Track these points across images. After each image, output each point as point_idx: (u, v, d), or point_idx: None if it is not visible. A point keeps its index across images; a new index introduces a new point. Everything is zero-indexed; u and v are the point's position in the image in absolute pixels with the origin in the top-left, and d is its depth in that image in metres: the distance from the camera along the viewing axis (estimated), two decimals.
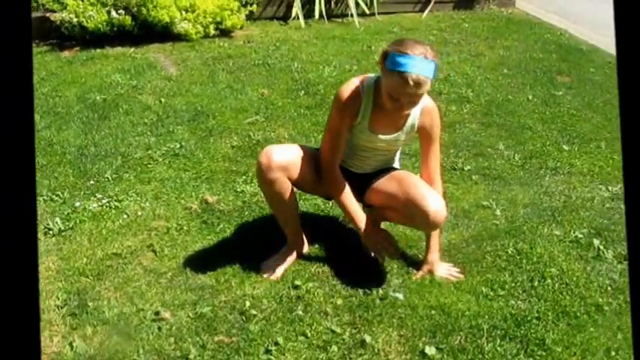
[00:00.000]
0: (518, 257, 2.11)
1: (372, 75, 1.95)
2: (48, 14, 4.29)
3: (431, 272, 2.03)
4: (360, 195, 2.11)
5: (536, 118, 3.31)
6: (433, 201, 1.86)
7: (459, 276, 2.02)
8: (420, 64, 1.73)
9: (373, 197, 2.07)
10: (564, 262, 2.09)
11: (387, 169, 2.08)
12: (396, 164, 2.14)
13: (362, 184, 2.07)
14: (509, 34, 4.85)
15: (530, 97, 3.60)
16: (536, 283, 1.98)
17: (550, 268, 2.06)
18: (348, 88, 1.92)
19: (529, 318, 1.83)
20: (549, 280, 2.00)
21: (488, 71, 4.02)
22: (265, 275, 2.02)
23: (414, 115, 1.94)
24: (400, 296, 1.91)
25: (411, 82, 1.72)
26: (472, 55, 4.36)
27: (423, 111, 1.94)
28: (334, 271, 2.03)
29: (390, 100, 1.81)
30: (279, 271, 2.03)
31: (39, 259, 2.16)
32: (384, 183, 2.03)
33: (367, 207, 2.17)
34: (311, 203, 2.42)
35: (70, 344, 1.73)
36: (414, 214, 1.89)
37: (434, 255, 2.04)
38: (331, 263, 2.07)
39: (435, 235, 2.02)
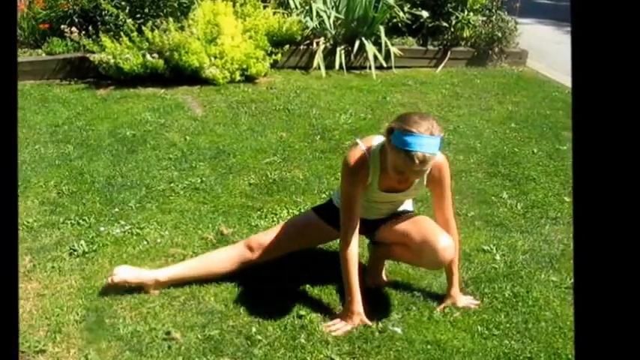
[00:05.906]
0: (514, 300, 2.20)
1: (376, 140, 2.01)
2: (87, 55, 4.56)
3: (454, 304, 2.14)
4: (371, 232, 2.23)
5: (540, 171, 3.41)
6: (444, 239, 2.00)
7: (476, 307, 2.15)
8: (426, 143, 1.76)
9: (386, 234, 2.18)
10: (559, 306, 2.17)
11: (401, 212, 2.20)
12: (410, 207, 2.26)
13: (375, 224, 2.19)
14: (519, 91, 4.99)
15: (535, 151, 3.70)
16: (530, 325, 2.06)
17: (545, 311, 2.14)
18: (354, 157, 1.96)
19: (521, 358, 1.90)
20: (543, 323, 2.07)
21: (496, 124, 4.14)
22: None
23: None
24: (398, 330, 2.00)
25: (417, 161, 1.76)
26: (482, 108, 4.50)
27: (432, 165, 1.97)
28: (338, 304, 2.13)
29: (396, 173, 1.88)
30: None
31: (63, 277, 2.29)
32: (399, 221, 2.14)
33: (374, 243, 2.29)
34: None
35: (86, 356, 1.84)
36: (423, 250, 2.01)
37: (455, 289, 2.15)
38: (335, 297, 2.17)
39: (456, 272, 2.14)
